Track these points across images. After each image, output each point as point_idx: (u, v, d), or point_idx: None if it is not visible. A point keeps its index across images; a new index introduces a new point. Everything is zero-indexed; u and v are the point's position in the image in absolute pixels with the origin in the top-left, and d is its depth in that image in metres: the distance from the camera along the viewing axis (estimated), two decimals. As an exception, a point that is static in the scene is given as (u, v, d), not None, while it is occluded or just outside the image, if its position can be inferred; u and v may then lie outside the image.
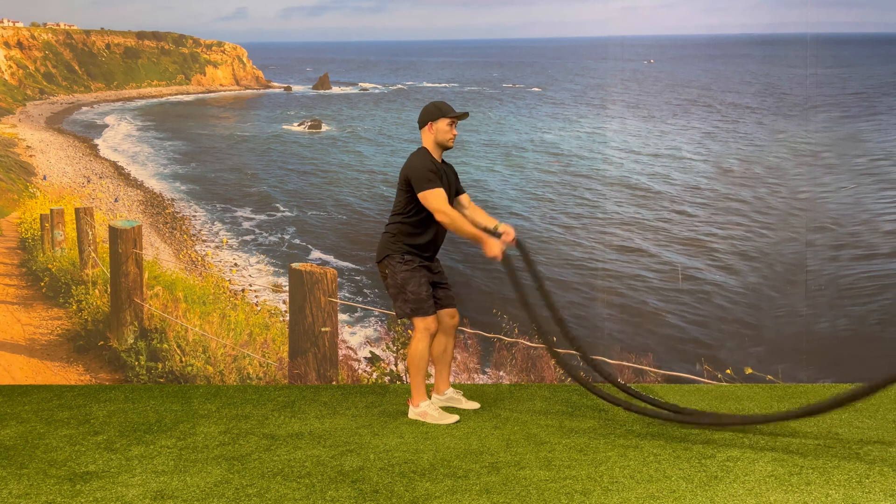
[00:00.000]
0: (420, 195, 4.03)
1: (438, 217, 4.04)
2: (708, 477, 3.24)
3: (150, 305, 5.21)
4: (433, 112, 4.17)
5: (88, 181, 5.36)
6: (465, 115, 4.22)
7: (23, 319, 5.24)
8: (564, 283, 5.12)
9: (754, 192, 5.13)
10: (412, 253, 4.13)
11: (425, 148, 4.19)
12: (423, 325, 4.12)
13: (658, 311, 5.07)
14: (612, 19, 5.21)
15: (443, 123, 4.15)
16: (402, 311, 4.15)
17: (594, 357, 4.31)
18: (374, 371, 5.13)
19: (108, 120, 5.53)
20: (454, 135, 4.19)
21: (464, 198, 4.36)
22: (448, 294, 4.30)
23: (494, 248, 4.04)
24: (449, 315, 4.30)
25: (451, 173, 4.27)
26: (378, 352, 5.15)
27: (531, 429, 3.98)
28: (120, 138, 5.50)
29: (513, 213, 5.25)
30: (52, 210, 5.28)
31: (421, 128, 4.21)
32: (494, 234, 4.18)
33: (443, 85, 5.74)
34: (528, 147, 5.37)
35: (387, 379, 5.12)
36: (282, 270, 5.22)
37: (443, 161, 4.24)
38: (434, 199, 4.02)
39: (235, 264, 5.27)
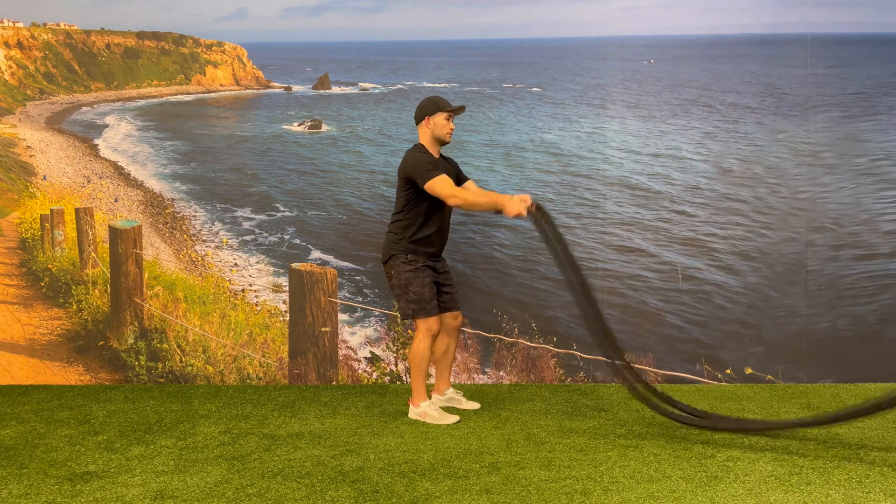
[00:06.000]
0: (426, 186, 3.99)
1: (451, 202, 3.99)
2: (708, 477, 3.24)
3: (150, 305, 5.21)
4: (430, 107, 4.15)
5: (88, 181, 5.36)
6: (461, 109, 4.20)
7: (23, 319, 5.24)
8: (564, 283, 5.11)
9: (754, 192, 5.13)
10: (416, 252, 4.13)
11: (421, 144, 4.17)
12: (424, 325, 4.11)
13: (658, 311, 5.07)
14: (612, 19, 5.21)
15: (440, 118, 4.13)
16: (405, 311, 4.15)
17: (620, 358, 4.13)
18: (374, 371, 5.13)
19: (108, 120, 5.53)
20: (451, 129, 4.16)
21: (469, 184, 4.30)
22: (452, 296, 4.29)
23: (515, 206, 3.91)
24: (452, 317, 4.30)
25: (450, 167, 4.25)
26: (378, 352, 5.15)
27: (531, 429, 3.98)
28: (120, 138, 5.50)
29: (513, 213, 5.25)
30: (52, 210, 5.28)
31: (418, 123, 4.19)
32: None
33: (443, 85, 5.74)
34: (528, 147, 5.37)
35: (387, 379, 5.12)
36: (282, 270, 5.22)
37: (441, 156, 4.23)
38: (440, 185, 3.98)
39: (235, 264, 5.27)
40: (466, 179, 4.33)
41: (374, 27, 5.41)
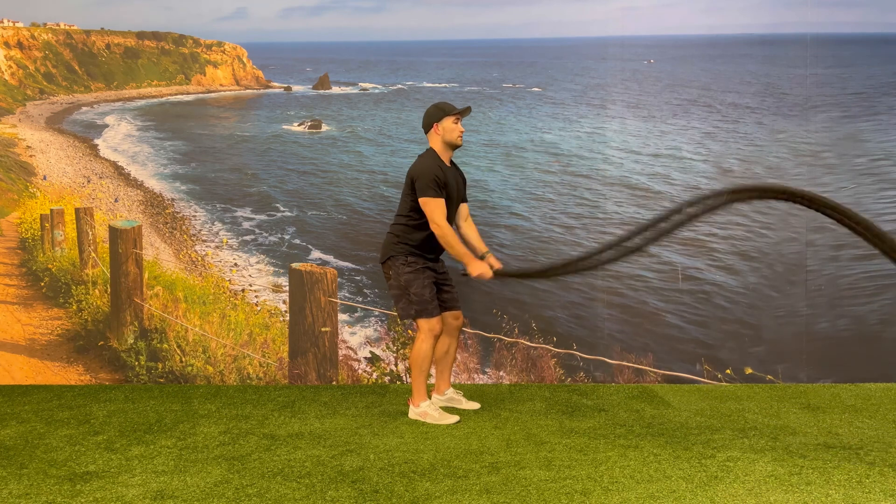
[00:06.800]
0: (420, 199, 4.03)
1: (432, 227, 4.04)
2: (708, 477, 3.24)
3: (150, 305, 5.21)
4: (436, 113, 4.15)
5: (88, 181, 5.36)
6: (467, 111, 4.20)
7: (23, 319, 5.24)
8: (564, 283, 5.12)
9: (754, 192, 5.12)
10: (416, 254, 4.13)
11: (433, 150, 4.17)
12: (427, 326, 4.11)
13: (658, 311, 5.08)
14: (613, 19, 5.21)
15: (448, 122, 4.13)
16: (406, 312, 4.14)
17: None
18: (374, 371, 5.13)
19: (108, 120, 5.53)
20: (461, 131, 4.16)
21: (464, 208, 4.31)
22: (452, 296, 4.29)
23: (479, 268, 4.07)
24: (453, 316, 4.30)
25: (459, 179, 4.25)
26: (378, 352, 5.15)
27: (531, 429, 3.98)
28: (120, 138, 5.50)
29: (513, 213, 5.25)
30: (52, 210, 5.28)
31: (427, 132, 4.19)
32: (480, 258, 4.18)
33: (443, 85, 5.74)
34: (528, 147, 5.37)
35: (387, 379, 5.12)
36: (282, 270, 5.22)
37: (452, 164, 4.23)
38: (432, 208, 4.02)
39: (235, 264, 5.27)
40: (465, 201, 4.32)
41: (374, 27, 5.41)
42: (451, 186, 4.10)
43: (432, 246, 4.15)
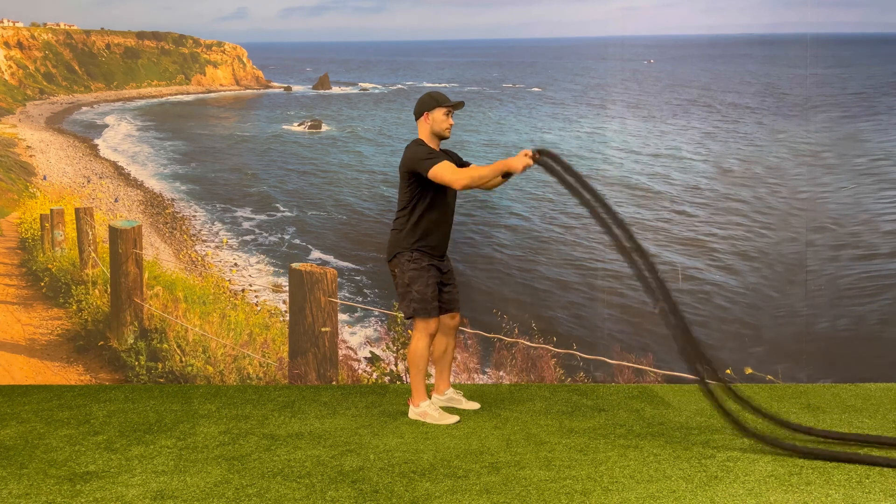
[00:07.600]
0: (430, 174, 3.97)
1: (457, 185, 3.97)
2: (708, 477, 3.24)
3: (150, 305, 5.21)
4: (429, 102, 4.15)
5: (88, 181, 5.36)
6: (460, 105, 4.20)
7: (23, 319, 5.24)
8: (564, 283, 5.12)
9: (754, 192, 5.13)
10: (421, 250, 4.12)
11: (420, 139, 4.18)
12: (423, 325, 4.11)
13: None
14: (612, 19, 5.21)
15: (439, 113, 4.13)
16: (407, 310, 4.15)
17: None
18: (374, 371, 5.13)
19: (108, 120, 5.53)
20: (451, 124, 4.17)
21: (472, 167, 4.30)
22: (452, 296, 4.29)
23: (519, 161, 3.88)
24: (450, 317, 4.29)
25: (451, 156, 4.24)
26: (378, 352, 5.15)
27: (531, 429, 3.98)
28: (120, 138, 5.50)
29: (513, 213, 5.25)
30: (52, 210, 5.28)
31: (417, 118, 4.20)
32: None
33: (443, 85, 5.74)
34: (528, 147, 5.37)
35: (387, 379, 5.12)
36: (282, 270, 5.22)
37: (441, 149, 4.23)
38: (444, 171, 3.96)
39: (235, 264, 5.27)
40: (468, 164, 4.31)
41: (374, 27, 5.41)
42: (450, 160, 4.10)
43: (436, 237, 4.14)
